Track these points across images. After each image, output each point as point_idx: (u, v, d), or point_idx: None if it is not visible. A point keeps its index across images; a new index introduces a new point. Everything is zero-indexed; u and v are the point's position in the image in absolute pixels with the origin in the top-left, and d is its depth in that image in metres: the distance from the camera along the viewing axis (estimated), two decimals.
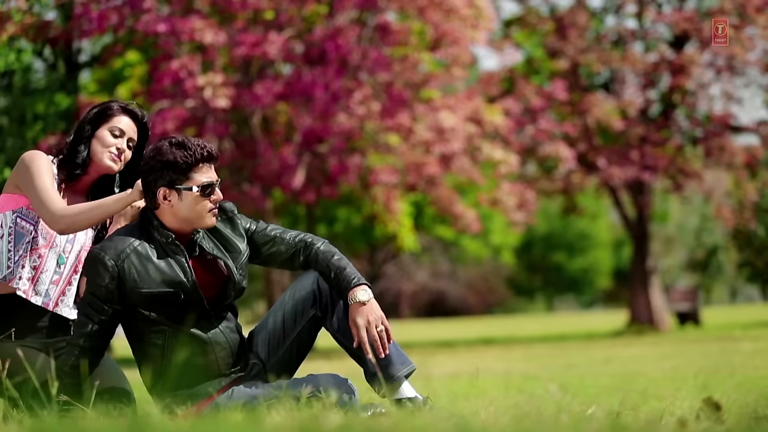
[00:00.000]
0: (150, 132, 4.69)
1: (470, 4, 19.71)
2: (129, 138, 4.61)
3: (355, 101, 18.42)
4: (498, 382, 9.12)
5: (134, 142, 4.62)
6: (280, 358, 4.37)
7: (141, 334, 4.25)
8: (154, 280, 4.20)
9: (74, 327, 4.26)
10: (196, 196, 4.24)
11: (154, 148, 4.28)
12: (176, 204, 4.24)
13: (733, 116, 25.27)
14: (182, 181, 4.24)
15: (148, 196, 4.27)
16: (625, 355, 16.10)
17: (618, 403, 4.90)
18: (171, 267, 4.23)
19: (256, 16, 18.85)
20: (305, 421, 3.21)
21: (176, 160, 4.22)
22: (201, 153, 4.25)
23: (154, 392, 4.30)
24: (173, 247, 4.25)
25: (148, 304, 4.20)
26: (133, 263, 4.20)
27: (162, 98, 18.42)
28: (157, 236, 4.25)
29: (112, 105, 4.64)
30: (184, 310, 4.23)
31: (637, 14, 26.13)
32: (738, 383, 7.97)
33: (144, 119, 4.65)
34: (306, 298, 4.34)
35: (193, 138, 4.30)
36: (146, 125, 4.66)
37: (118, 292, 4.19)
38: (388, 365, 4.23)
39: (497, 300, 61.46)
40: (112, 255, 4.20)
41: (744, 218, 27.04)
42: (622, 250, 57.99)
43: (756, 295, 59.47)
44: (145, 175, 4.27)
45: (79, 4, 19.05)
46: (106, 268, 4.18)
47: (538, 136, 23.83)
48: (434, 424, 3.14)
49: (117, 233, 4.28)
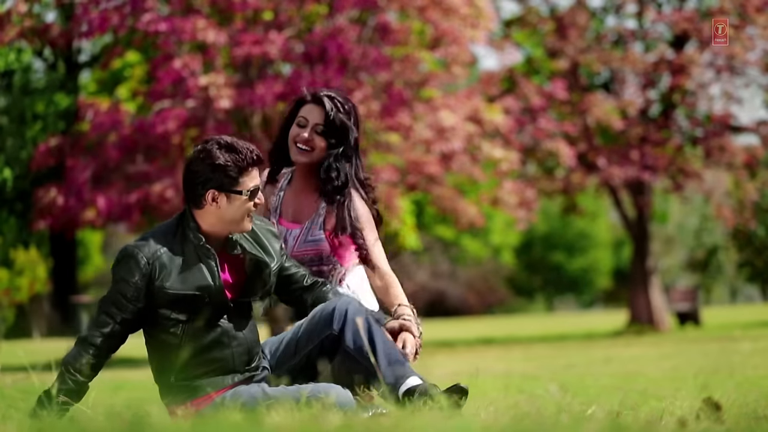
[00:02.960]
0: (345, 118, 4.62)
1: (470, 4, 19.70)
2: (315, 124, 4.59)
3: (355, 100, 18.41)
4: (498, 382, 9.12)
5: (321, 128, 4.59)
6: (285, 370, 4.37)
7: (158, 323, 4.25)
8: (183, 282, 4.21)
9: (93, 325, 4.24)
10: (244, 200, 4.25)
11: (203, 149, 4.26)
12: (224, 207, 4.24)
13: (733, 116, 25.26)
14: (233, 184, 4.24)
15: (194, 197, 4.26)
16: (625, 355, 16.10)
17: (618, 403, 4.90)
18: (200, 270, 4.23)
19: (255, 16, 18.85)
20: (305, 421, 3.21)
21: (228, 164, 4.22)
22: (251, 157, 4.25)
23: (162, 380, 4.29)
24: (205, 250, 4.25)
25: (172, 304, 4.21)
26: (165, 263, 4.21)
27: (162, 98, 18.41)
28: (191, 238, 4.26)
29: (301, 94, 4.66)
30: (208, 311, 4.24)
31: (637, 14, 26.13)
32: (738, 383, 7.97)
33: (330, 109, 4.59)
34: (325, 317, 4.30)
35: (240, 140, 4.30)
36: (338, 113, 4.61)
37: (146, 290, 4.19)
38: (403, 376, 4.21)
39: (497, 300, 61.42)
40: (146, 253, 4.21)
41: (744, 218, 27.02)
42: (622, 250, 57.96)
43: (756, 295, 59.44)
44: (193, 175, 4.25)
45: (79, 5, 19.04)
46: (138, 266, 4.19)
47: (538, 135, 23.83)
48: (434, 424, 3.14)
49: (153, 231, 4.29)
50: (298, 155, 4.61)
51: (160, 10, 18.71)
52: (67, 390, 4.18)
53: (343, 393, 4.15)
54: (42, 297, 26.93)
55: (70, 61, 25.12)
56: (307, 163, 4.63)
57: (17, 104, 22.43)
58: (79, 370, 4.18)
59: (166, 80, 18.09)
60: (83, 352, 4.19)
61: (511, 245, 48.51)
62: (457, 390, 4.09)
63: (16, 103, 22.47)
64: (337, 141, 4.59)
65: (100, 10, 18.41)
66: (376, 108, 18.49)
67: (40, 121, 22.27)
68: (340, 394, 4.14)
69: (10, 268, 21.25)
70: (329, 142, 4.58)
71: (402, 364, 4.19)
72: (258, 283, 4.34)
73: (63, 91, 22.94)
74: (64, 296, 26.45)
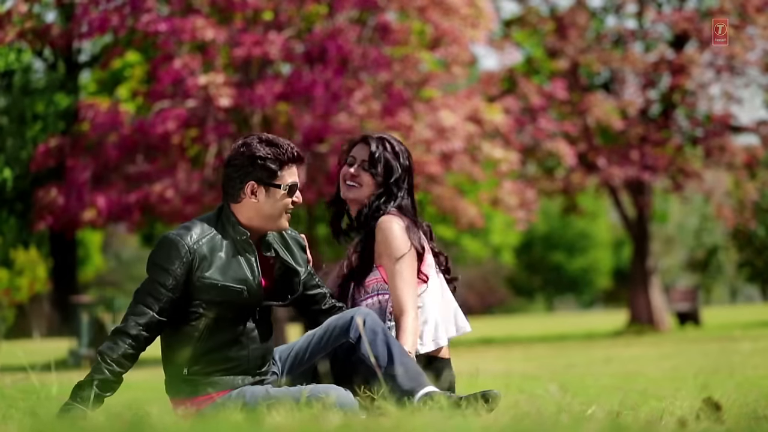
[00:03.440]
0: (391, 157, 4.64)
1: (470, 4, 19.70)
2: (362, 161, 4.63)
3: (355, 101, 18.42)
4: (498, 382, 9.11)
5: (367, 164, 4.60)
6: (294, 377, 4.37)
7: (185, 314, 4.22)
8: (222, 274, 4.20)
9: (129, 316, 4.17)
10: (282, 195, 4.27)
11: (243, 143, 4.29)
12: (262, 200, 4.26)
13: (733, 116, 25.26)
14: (272, 177, 4.25)
15: (233, 191, 4.27)
16: (625, 355, 16.11)
17: (618, 403, 4.90)
18: (240, 264, 4.23)
19: (255, 16, 18.85)
20: (305, 421, 3.21)
21: (269, 156, 4.24)
22: (292, 153, 4.29)
23: (173, 371, 4.25)
24: (246, 245, 4.26)
25: (208, 295, 4.17)
26: (206, 253, 4.20)
27: (162, 98, 18.41)
28: (231, 232, 4.26)
29: (354, 137, 4.72)
30: (239, 308, 4.23)
31: (637, 14, 26.12)
32: (738, 383, 7.97)
33: (376, 147, 4.63)
34: (342, 325, 4.28)
35: (281, 138, 4.33)
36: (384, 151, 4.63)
37: (185, 278, 4.17)
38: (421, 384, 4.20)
39: (497, 300, 61.42)
40: (188, 242, 4.19)
41: (744, 218, 27.01)
42: (622, 250, 57.95)
43: (756, 295, 59.44)
44: (233, 168, 4.27)
45: (79, 5, 19.04)
46: (179, 254, 4.17)
47: (538, 135, 23.82)
48: (434, 424, 3.14)
49: (194, 221, 4.28)
50: (347, 191, 4.64)
51: (160, 10, 18.71)
52: (102, 380, 4.11)
53: (343, 393, 4.15)
54: (42, 297, 26.93)
55: (70, 61, 25.12)
56: (356, 200, 4.63)
57: (17, 104, 22.42)
58: (116, 360, 4.12)
59: (166, 80, 18.09)
60: (120, 343, 4.13)
61: (511, 245, 48.46)
62: (487, 396, 4.09)
63: (16, 103, 22.47)
64: (384, 179, 4.61)
65: (100, 11, 18.41)
66: (376, 108, 18.49)
67: (40, 121, 22.26)
68: (340, 394, 4.13)
69: (10, 268, 21.24)
70: (376, 179, 4.60)
71: (419, 374, 4.18)
72: (286, 290, 4.36)
73: (63, 91, 22.94)
74: (64, 296, 26.44)
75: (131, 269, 55.97)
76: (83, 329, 18.59)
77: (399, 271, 4.48)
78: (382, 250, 4.51)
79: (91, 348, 18.46)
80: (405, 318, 4.44)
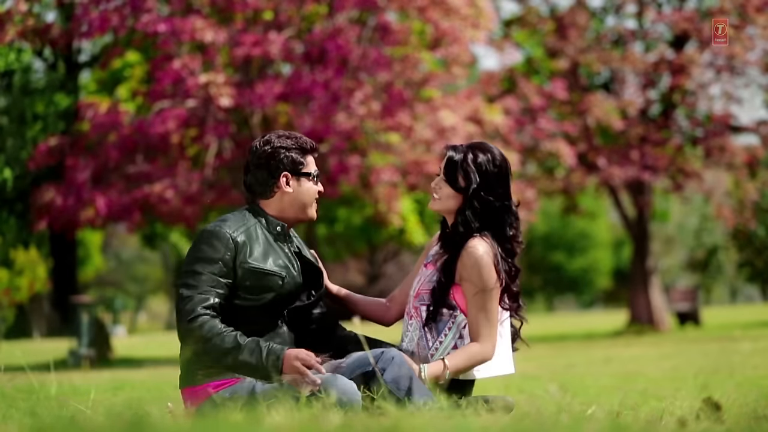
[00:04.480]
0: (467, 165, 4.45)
1: (470, 4, 19.70)
2: (442, 171, 4.48)
3: (355, 101, 18.41)
4: (498, 382, 9.11)
5: (444, 175, 4.45)
6: None
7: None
8: (264, 259, 4.26)
9: (190, 304, 4.15)
10: (312, 182, 4.38)
11: (263, 141, 4.37)
12: (296, 190, 4.36)
13: (733, 116, 25.26)
14: (301, 166, 4.35)
15: (265, 187, 4.34)
16: (625, 355, 16.11)
17: (618, 403, 4.90)
18: (277, 253, 4.30)
19: (255, 16, 18.85)
20: (305, 421, 3.21)
21: (293, 147, 4.34)
22: (309, 143, 4.40)
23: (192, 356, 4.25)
24: (281, 236, 4.34)
25: (249, 281, 4.21)
26: (246, 240, 4.25)
27: (162, 98, 18.40)
28: (265, 224, 4.33)
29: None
30: (272, 301, 4.26)
31: (637, 14, 26.12)
32: (738, 383, 7.97)
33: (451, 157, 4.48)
34: (369, 355, 4.23)
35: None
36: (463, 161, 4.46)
37: (233, 263, 4.21)
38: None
39: None
40: (228, 229, 4.25)
41: (744, 218, 27.02)
42: (622, 250, 57.95)
43: (756, 295, 59.45)
44: (265, 161, 4.33)
45: (79, 5, 19.04)
46: (221, 241, 4.22)
47: (538, 135, 23.82)
48: (434, 424, 3.14)
49: (226, 216, 4.34)
50: (431, 203, 4.53)
51: (160, 10, 18.71)
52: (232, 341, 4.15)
53: (347, 384, 4.13)
54: (42, 297, 26.93)
55: (70, 61, 25.12)
56: (441, 212, 4.47)
57: (17, 104, 22.43)
58: (221, 329, 4.14)
59: (165, 80, 18.09)
60: (207, 324, 4.14)
61: None
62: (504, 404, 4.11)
63: (16, 103, 22.47)
64: (463, 189, 4.41)
65: (100, 11, 18.40)
66: (377, 108, 18.49)
67: (40, 121, 22.27)
68: (344, 384, 4.13)
69: (10, 268, 21.24)
70: (455, 189, 4.41)
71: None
72: (312, 287, 4.39)
73: (63, 91, 22.95)
74: (64, 296, 26.45)
75: (131, 269, 55.99)
76: (83, 329, 18.58)
77: (481, 304, 4.35)
78: (466, 276, 4.35)
79: (91, 348, 18.44)
80: (473, 346, 4.37)
